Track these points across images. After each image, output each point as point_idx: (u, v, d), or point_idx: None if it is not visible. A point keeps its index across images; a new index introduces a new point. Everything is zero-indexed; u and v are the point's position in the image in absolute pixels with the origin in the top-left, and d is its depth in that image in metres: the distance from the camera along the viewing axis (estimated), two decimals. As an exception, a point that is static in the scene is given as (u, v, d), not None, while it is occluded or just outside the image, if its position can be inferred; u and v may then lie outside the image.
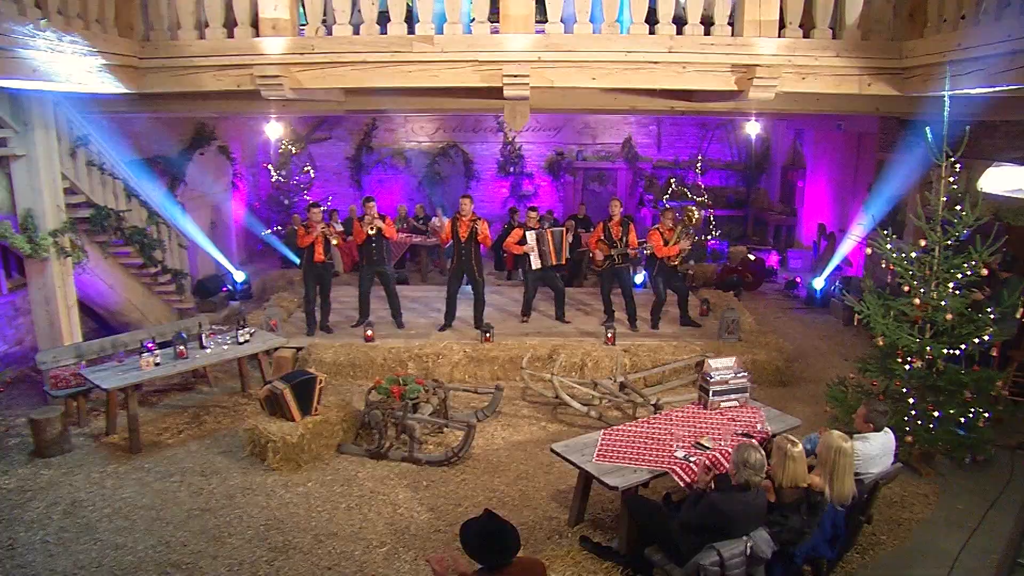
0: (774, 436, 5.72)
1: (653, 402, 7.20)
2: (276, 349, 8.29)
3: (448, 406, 7.33)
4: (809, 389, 8.51)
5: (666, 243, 9.32)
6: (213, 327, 7.90)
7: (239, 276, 12.55)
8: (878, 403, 5.08)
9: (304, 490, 6.14)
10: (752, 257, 13.13)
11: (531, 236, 9.55)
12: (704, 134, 16.19)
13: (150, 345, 7.03)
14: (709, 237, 14.11)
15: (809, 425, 6.62)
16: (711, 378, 6.01)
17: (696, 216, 9.41)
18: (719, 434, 5.58)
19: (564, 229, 9.79)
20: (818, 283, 11.95)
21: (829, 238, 12.24)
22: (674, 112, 9.30)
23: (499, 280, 13.60)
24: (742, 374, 6.11)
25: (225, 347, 7.55)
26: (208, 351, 7.41)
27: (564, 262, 9.90)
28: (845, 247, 12.13)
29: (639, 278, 12.08)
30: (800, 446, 4.40)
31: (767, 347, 8.83)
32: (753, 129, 14.77)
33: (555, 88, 7.79)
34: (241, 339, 7.63)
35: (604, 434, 5.58)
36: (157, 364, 7.04)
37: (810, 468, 4.55)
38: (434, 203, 15.88)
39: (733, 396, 6.09)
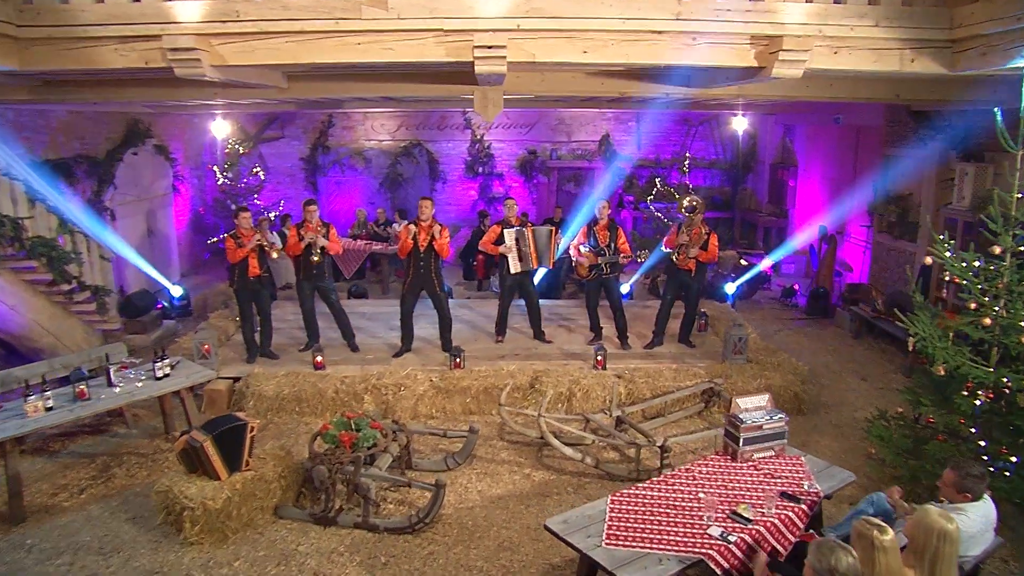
0: (827, 497, 4.58)
1: (659, 443, 6.00)
2: (205, 383, 6.93)
3: (411, 450, 6.05)
4: (830, 418, 7.40)
5: (704, 247, 8.13)
6: (125, 359, 6.50)
7: (176, 291, 11.11)
8: (971, 464, 3.91)
9: (229, 572, 4.82)
10: (744, 263, 12.06)
11: (509, 235, 8.31)
12: (687, 130, 15.12)
13: (41, 385, 5.64)
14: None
15: (846, 466, 5.47)
16: (741, 422, 4.83)
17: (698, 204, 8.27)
18: (758, 497, 4.40)
19: (552, 228, 8.55)
20: (819, 291, 10.89)
21: (830, 241, 11.21)
22: (669, 99, 8.15)
23: (468, 291, 12.35)
24: (778, 416, 4.94)
25: (139, 384, 6.16)
26: (117, 390, 6.02)
27: (552, 267, 8.67)
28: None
29: (624, 288, 10.91)
30: (891, 533, 3.22)
31: (780, 369, 7.70)
32: (740, 125, 13.72)
33: (533, 68, 6.61)
34: (159, 373, 6.25)
35: (612, 501, 4.36)
36: (49, 409, 5.65)
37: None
38: (396, 207, 14.57)
39: (768, 444, 4.92)
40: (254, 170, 14.49)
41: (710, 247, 8.16)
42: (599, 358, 7.75)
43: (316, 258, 7.87)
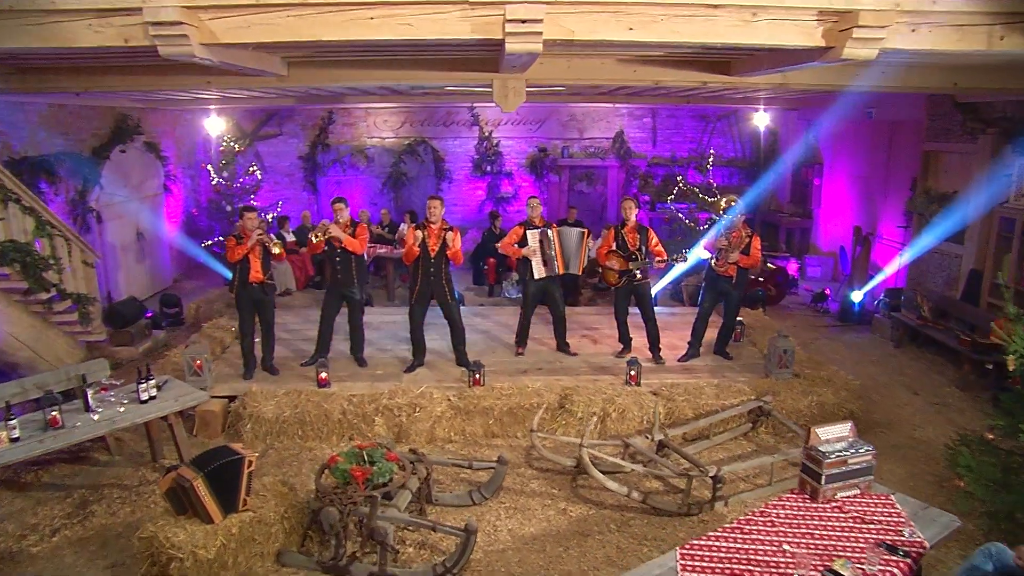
0: (930, 549, 3.87)
1: (712, 473, 5.30)
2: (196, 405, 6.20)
3: (431, 483, 5.33)
4: (888, 438, 6.69)
5: (746, 251, 7.46)
6: (105, 379, 5.76)
7: (167, 298, 10.37)
8: None
9: (223, 636, 4.10)
10: (772, 266, 11.36)
11: (532, 236, 7.60)
12: (705, 127, 14.43)
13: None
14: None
15: (917, 495, 4.76)
16: (824, 456, 4.13)
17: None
18: (853, 548, 3.69)
19: (585, 231, 7.83)
20: (856, 296, 10.20)
21: (864, 243, 10.51)
22: (706, 87, 7.47)
23: (479, 296, 11.64)
24: (865, 449, 4.24)
25: (121, 408, 5.43)
26: (95, 417, 5.28)
27: (581, 272, 7.95)
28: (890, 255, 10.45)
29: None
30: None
31: (831, 384, 6.99)
32: (762, 121, 13.06)
33: (569, 49, 5.90)
34: (144, 395, 5.52)
35: (683, 556, 3.65)
36: (15, 440, 4.92)
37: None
38: (401, 208, 13.86)
39: (853, 481, 4.22)
40: (251, 169, 13.74)
41: (752, 251, 7.47)
42: (632, 373, 7.05)
43: (316, 239, 7.14)
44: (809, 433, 4.28)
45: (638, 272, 7.54)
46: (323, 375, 6.98)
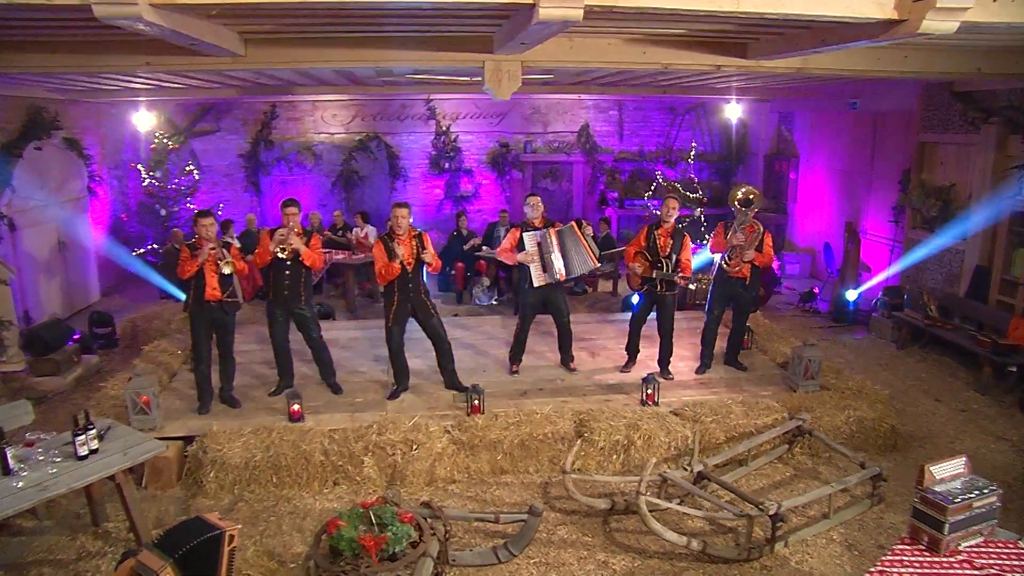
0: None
1: (773, 511, 4.58)
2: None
3: (448, 541, 4.43)
4: (926, 453, 6.11)
5: (759, 249, 6.82)
6: (30, 433, 4.62)
7: (98, 316, 9.08)
8: None
9: None
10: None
11: (530, 240, 6.78)
12: (672, 120, 13.86)
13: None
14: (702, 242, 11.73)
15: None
16: (947, 501, 3.44)
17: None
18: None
19: (575, 221, 7.00)
20: (851, 295, 9.74)
21: (855, 239, 10.07)
22: (720, 72, 6.77)
23: (447, 303, 10.70)
24: (989, 488, 3.57)
25: (52, 469, 4.31)
26: (18, 484, 4.15)
27: (596, 264, 7.11)
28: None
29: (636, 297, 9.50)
30: None
31: (864, 396, 6.40)
32: (734, 113, 12.52)
33: (609, 15, 5.02)
34: (82, 450, 4.42)
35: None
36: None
37: None
38: (354, 209, 12.79)
39: (976, 527, 3.55)
40: (187, 168, 12.43)
41: (765, 248, 6.85)
42: (649, 392, 6.30)
43: (283, 255, 6.16)
44: (922, 473, 3.58)
45: (662, 283, 6.77)
46: (295, 407, 5.97)
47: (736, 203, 6.88)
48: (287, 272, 6.26)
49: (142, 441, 4.69)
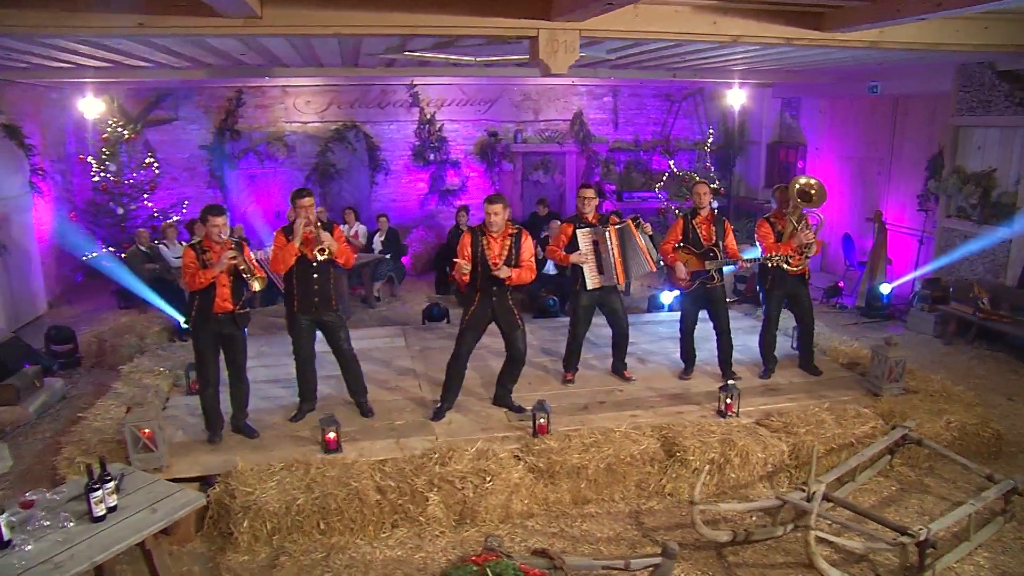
0: None
1: (923, 536, 3.91)
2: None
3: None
4: (1031, 459, 5.59)
5: (779, 237, 6.18)
6: (28, 495, 3.55)
7: (56, 331, 7.82)
8: None
9: None
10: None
11: (584, 237, 5.95)
12: (669, 107, 13.23)
13: None
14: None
15: None
16: None
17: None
18: None
19: (631, 219, 6.12)
20: (884, 288, 9.26)
21: (882, 229, 9.60)
22: (791, 44, 6.07)
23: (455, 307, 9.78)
24: None
25: (59, 537, 3.28)
26: (17, 562, 3.10)
27: (654, 269, 6.30)
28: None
29: (668, 297, 8.81)
30: None
31: (957, 399, 5.82)
32: (737, 99, 11.98)
33: None
34: (98, 510, 3.39)
35: None
36: None
37: None
38: (336, 204, 11.73)
39: None
40: (146, 162, 11.13)
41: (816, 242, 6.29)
42: (728, 401, 5.58)
43: (322, 256, 5.26)
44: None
45: (714, 274, 6.08)
46: (331, 435, 5.01)
47: (796, 196, 6.19)
48: (315, 276, 5.29)
49: (171, 491, 3.67)
